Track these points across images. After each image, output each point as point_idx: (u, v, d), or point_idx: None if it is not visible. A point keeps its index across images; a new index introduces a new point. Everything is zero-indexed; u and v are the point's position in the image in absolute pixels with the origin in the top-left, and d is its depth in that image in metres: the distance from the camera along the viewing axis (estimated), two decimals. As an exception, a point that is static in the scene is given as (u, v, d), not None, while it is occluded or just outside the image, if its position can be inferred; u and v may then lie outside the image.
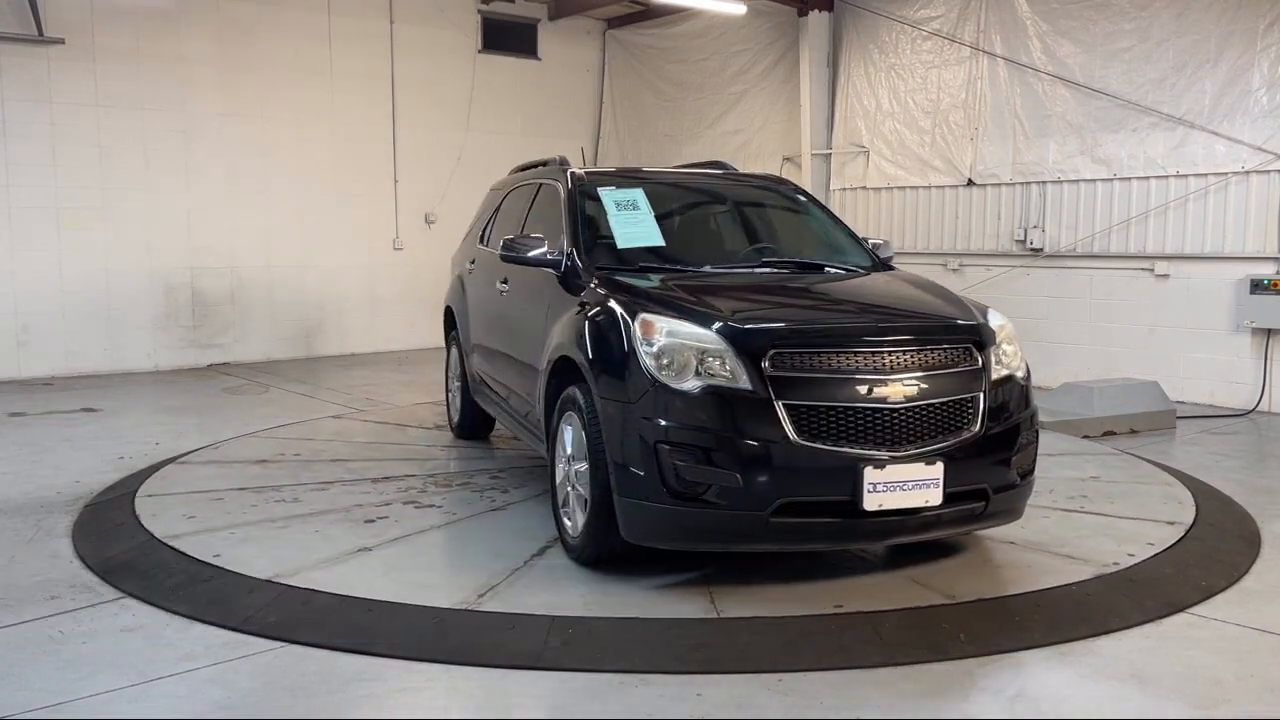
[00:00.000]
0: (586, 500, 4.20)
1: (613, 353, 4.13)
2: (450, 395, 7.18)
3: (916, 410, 3.95)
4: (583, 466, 4.25)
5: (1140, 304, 8.91)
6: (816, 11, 10.99)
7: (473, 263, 6.68)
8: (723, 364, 3.91)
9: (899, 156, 10.66)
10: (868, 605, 3.93)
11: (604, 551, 4.22)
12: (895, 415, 3.91)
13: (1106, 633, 3.76)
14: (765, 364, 3.88)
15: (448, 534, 4.85)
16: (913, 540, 4.28)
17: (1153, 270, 8.81)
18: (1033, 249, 9.57)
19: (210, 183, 10.72)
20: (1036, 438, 4.38)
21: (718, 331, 3.97)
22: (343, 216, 11.59)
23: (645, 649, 3.61)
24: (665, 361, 3.95)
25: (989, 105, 9.82)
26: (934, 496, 3.92)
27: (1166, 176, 8.67)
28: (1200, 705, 3.22)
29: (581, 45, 13.54)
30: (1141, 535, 4.81)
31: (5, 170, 9.58)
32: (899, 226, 10.55)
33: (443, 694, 3.30)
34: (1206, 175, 8.44)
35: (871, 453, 3.84)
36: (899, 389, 3.92)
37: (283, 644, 3.60)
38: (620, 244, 4.96)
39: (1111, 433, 7.33)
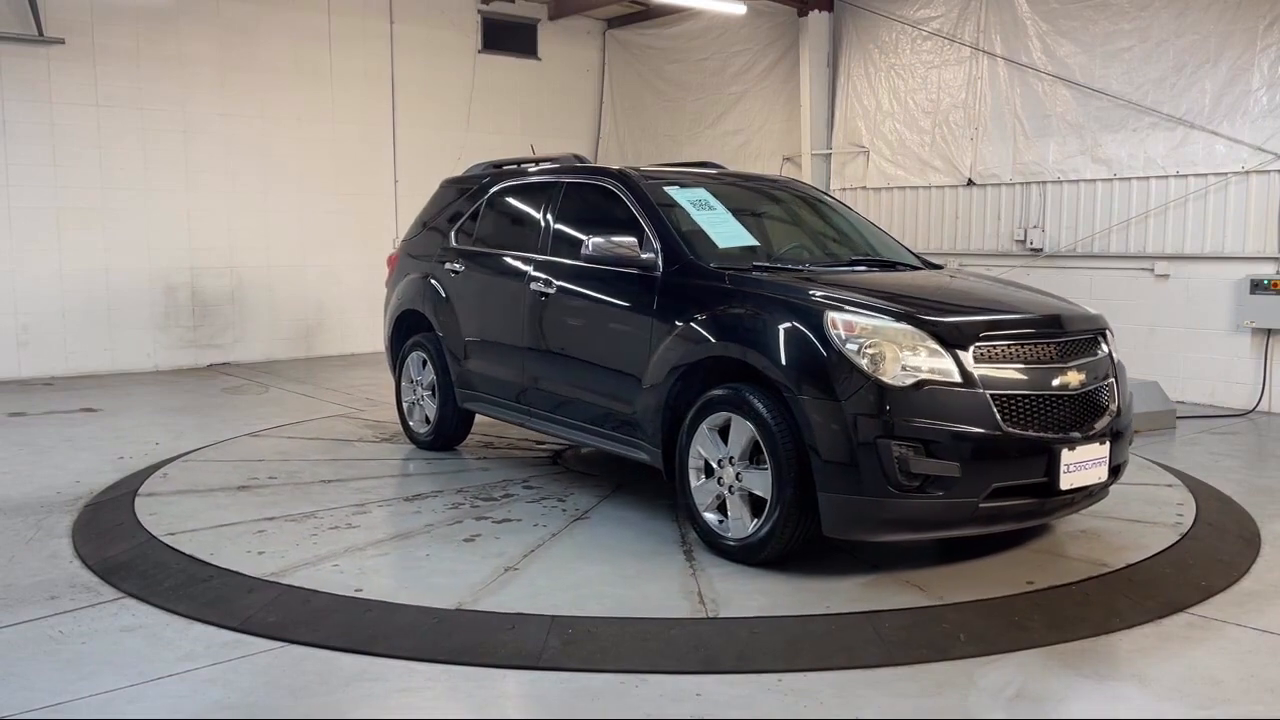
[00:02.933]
0: (763, 500, 4.23)
1: (809, 351, 4.13)
2: (413, 406, 6.70)
3: (1086, 395, 4.32)
4: (743, 467, 4.31)
5: (1140, 304, 8.91)
6: (816, 11, 10.99)
7: (459, 263, 6.28)
8: (929, 358, 4.03)
9: (899, 156, 10.66)
10: (1056, 580, 4.20)
11: (788, 549, 4.25)
12: (1075, 401, 4.26)
13: (1106, 633, 3.76)
14: (968, 357, 4.06)
15: (569, 547, 4.60)
16: (1067, 515, 4.61)
17: (1153, 270, 8.81)
18: (1033, 249, 9.58)
19: (210, 182, 10.72)
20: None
21: (921, 326, 4.10)
22: (343, 216, 11.58)
23: (645, 649, 3.60)
24: (872, 357, 4.00)
25: (989, 105, 9.82)
26: (1103, 473, 4.32)
27: (1166, 176, 8.67)
28: (1200, 705, 3.22)
29: (581, 45, 13.55)
30: (1172, 498, 5.46)
31: (5, 170, 9.58)
32: (899, 226, 10.54)
33: (443, 694, 3.29)
34: (1206, 175, 8.44)
35: (1066, 435, 4.16)
36: (1075, 376, 4.28)
37: (283, 644, 3.60)
38: (720, 244, 4.98)
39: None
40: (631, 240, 4.92)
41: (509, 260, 5.92)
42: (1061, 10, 9.21)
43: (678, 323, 4.68)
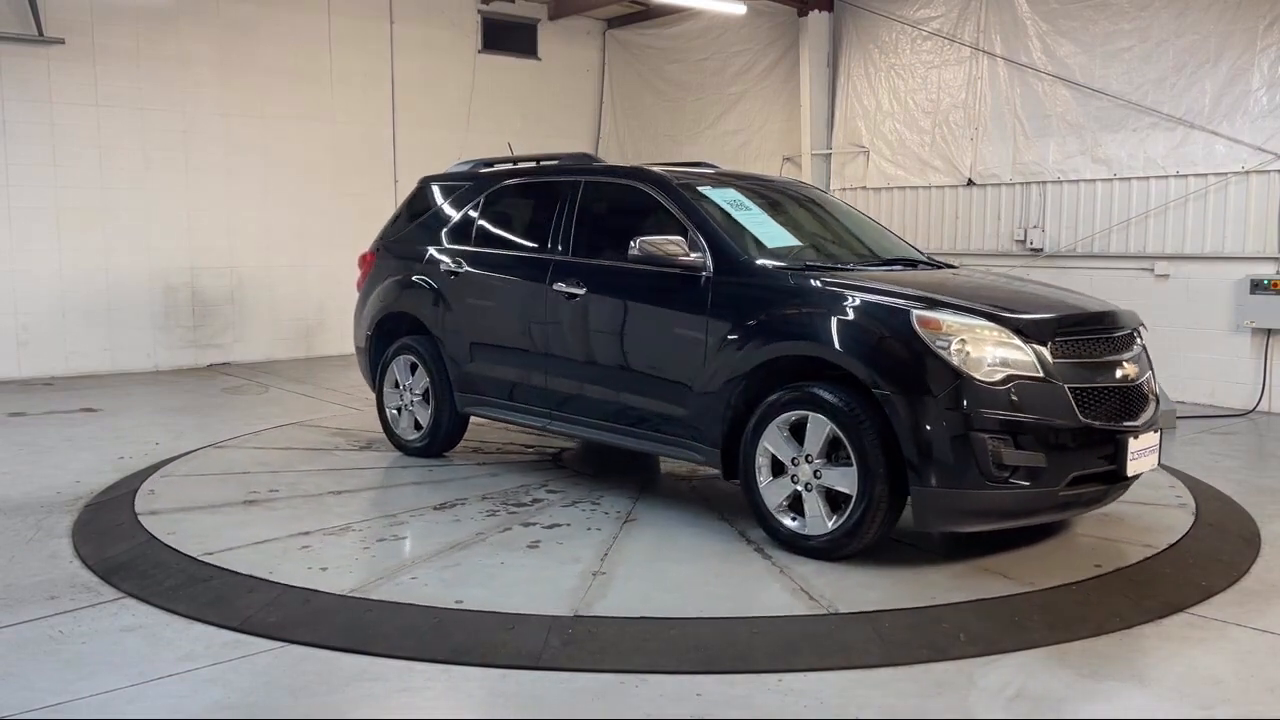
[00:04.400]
0: (841, 496, 4.30)
1: (899, 350, 4.21)
2: (399, 412, 6.43)
3: (1140, 387, 4.55)
4: (822, 464, 4.36)
5: (1140, 304, 8.81)
6: (816, 11, 10.99)
7: (456, 263, 6.07)
8: (1014, 354, 4.18)
9: (899, 156, 10.66)
10: (1119, 564, 4.42)
11: (872, 542, 4.31)
12: (1134, 392, 4.49)
13: (1106, 633, 3.76)
14: (1046, 352, 4.23)
15: (640, 550, 4.55)
16: (1115, 500, 4.78)
17: (1153, 270, 8.81)
18: (1033, 249, 9.58)
19: (210, 183, 10.72)
20: None
21: (1005, 324, 4.23)
22: (343, 216, 11.57)
23: (645, 649, 3.60)
24: (962, 354, 4.11)
25: (989, 105, 9.81)
26: (1155, 460, 4.56)
27: (1166, 176, 8.68)
28: (1200, 705, 3.22)
29: (581, 45, 13.55)
30: (1168, 482, 5.77)
31: (5, 170, 9.58)
32: (899, 226, 10.52)
33: (443, 694, 3.30)
34: (1206, 175, 8.44)
35: (1132, 425, 4.38)
36: (1132, 369, 4.53)
37: (283, 644, 3.60)
38: (769, 244, 5.03)
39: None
40: (679, 240, 4.87)
41: (524, 260, 5.74)
42: (1061, 10, 9.21)
43: (739, 323, 4.65)
